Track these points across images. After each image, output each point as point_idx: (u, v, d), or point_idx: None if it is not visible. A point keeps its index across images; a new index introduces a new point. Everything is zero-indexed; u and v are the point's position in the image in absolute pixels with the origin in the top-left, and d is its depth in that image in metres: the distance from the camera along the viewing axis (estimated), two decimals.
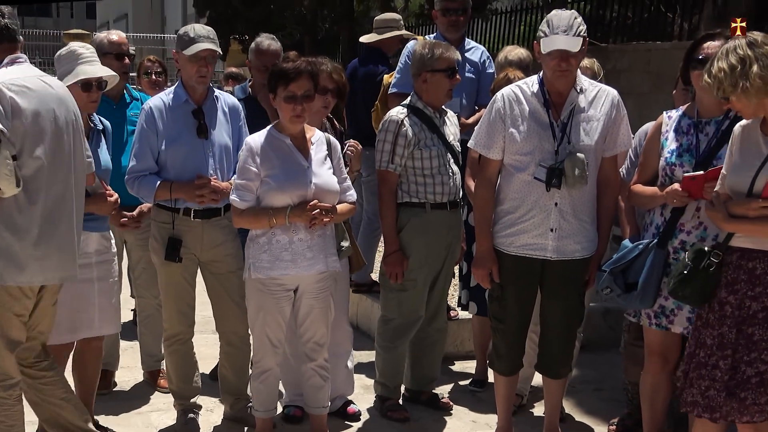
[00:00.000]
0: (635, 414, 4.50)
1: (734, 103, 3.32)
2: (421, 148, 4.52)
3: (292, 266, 4.01)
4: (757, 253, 3.36)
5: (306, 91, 3.96)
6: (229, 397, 4.62)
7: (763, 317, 3.36)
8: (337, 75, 4.50)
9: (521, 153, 3.97)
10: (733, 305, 3.40)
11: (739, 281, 3.39)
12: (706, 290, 3.43)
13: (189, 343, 4.51)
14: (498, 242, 4.09)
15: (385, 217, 4.60)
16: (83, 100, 3.94)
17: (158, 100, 4.36)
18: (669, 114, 3.96)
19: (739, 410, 3.37)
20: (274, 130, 4.06)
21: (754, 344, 3.36)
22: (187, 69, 4.31)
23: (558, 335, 4.17)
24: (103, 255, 4.18)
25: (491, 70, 5.75)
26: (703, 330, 3.47)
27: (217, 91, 4.48)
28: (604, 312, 6.01)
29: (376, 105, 5.79)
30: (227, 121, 4.43)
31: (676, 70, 4.08)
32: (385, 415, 4.75)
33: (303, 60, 4.05)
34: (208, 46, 4.27)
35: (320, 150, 4.09)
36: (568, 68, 3.87)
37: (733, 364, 3.37)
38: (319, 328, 4.19)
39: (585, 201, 4.00)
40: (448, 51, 4.57)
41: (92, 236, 4.08)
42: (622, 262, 3.80)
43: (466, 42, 5.81)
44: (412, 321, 4.71)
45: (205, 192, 4.21)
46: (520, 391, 4.84)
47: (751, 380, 3.35)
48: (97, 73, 4.02)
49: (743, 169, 3.33)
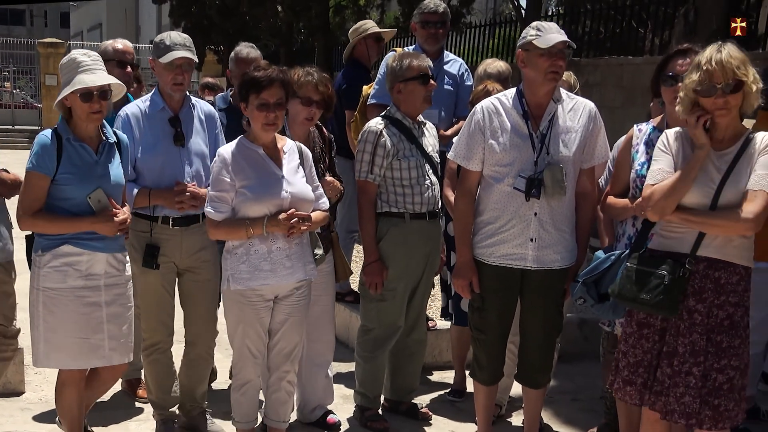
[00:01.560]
0: (613, 424, 4.55)
1: (731, 100, 3.38)
2: (400, 159, 4.56)
3: (272, 276, 3.99)
4: (722, 263, 3.47)
5: (278, 99, 3.93)
6: (184, 404, 4.60)
7: (729, 325, 3.46)
8: (323, 87, 4.48)
9: (501, 164, 4.02)
10: (702, 313, 3.48)
11: (706, 290, 3.48)
12: (679, 299, 3.50)
13: (168, 353, 4.51)
14: (478, 252, 4.13)
15: (365, 227, 4.63)
16: (84, 111, 3.79)
17: (134, 108, 4.35)
18: (640, 127, 4.05)
19: (714, 418, 3.43)
20: (246, 140, 4.02)
21: (722, 351, 3.44)
22: (163, 76, 4.32)
23: (537, 345, 4.21)
24: (114, 278, 3.94)
25: (469, 83, 5.80)
26: (675, 339, 3.53)
27: (194, 99, 4.49)
28: (579, 322, 6.07)
29: (355, 116, 5.82)
30: (204, 128, 4.44)
31: (648, 84, 4.17)
32: (365, 425, 4.76)
33: (275, 68, 4.01)
34: (184, 54, 4.28)
35: (292, 159, 4.09)
36: (562, 66, 3.93)
37: (704, 371, 3.45)
38: (292, 337, 4.16)
39: (564, 211, 4.05)
40: (417, 59, 4.61)
41: (98, 257, 3.88)
42: (595, 272, 3.85)
43: (444, 54, 5.87)
44: (392, 331, 4.73)
45: (184, 198, 4.22)
46: (499, 401, 4.88)
47: (722, 387, 3.43)
48: (96, 82, 3.78)
49: (700, 184, 3.43)
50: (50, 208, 3.81)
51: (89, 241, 3.84)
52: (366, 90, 5.81)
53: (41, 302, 3.84)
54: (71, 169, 3.79)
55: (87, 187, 3.80)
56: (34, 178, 3.79)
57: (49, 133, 3.84)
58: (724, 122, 3.45)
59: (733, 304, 3.48)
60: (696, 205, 3.46)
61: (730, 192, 3.42)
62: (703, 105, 3.42)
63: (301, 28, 21.48)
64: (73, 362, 3.91)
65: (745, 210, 3.36)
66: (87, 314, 3.86)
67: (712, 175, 3.45)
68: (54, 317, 3.82)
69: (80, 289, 3.84)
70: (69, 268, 3.82)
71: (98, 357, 3.93)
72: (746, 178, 3.41)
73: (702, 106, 3.43)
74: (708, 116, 3.43)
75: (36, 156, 3.78)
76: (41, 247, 3.84)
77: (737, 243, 3.46)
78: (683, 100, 3.46)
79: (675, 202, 3.47)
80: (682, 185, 3.45)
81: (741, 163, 3.43)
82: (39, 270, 3.84)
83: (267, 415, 4.30)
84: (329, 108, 4.60)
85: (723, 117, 3.43)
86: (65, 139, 3.82)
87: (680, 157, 3.53)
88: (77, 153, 3.83)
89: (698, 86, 3.38)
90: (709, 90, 3.37)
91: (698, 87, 3.38)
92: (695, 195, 3.45)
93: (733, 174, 3.43)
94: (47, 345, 3.85)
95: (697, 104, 3.43)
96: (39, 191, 3.79)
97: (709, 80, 3.35)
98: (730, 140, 3.48)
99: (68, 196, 3.79)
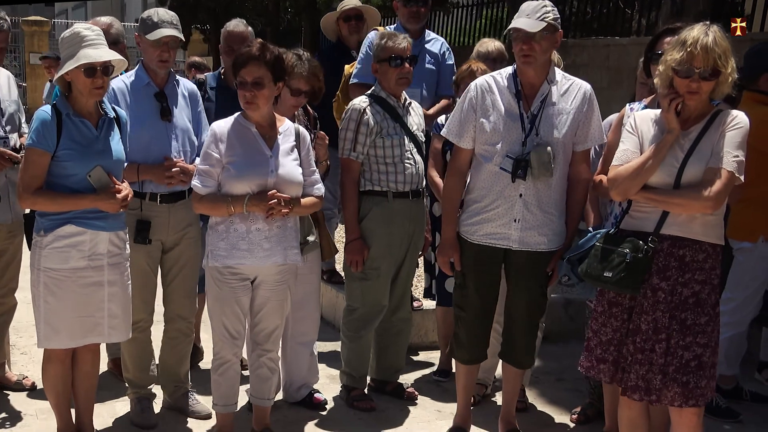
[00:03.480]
0: (597, 404, 4.59)
1: (704, 86, 3.40)
2: (383, 137, 4.56)
3: (249, 256, 3.96)
4: (686, 241, 3.50)
5: (256, 78, 3.87)
6: (168, 384, 4.62)
7: (694, 302, 3.49)
8: (313, 78, 4.46)
9: (489, 143, 4.02)
10: (665, 291, 3.51)
11: (670, 268, 3.50)
12: (642, 278, 3.53)
13: (148, 331, 4.50)
14: (463, 230, 4.14)
15: (347, 206, 4.63)
16: (87, 87, 3.75)
17: (120, 83, 4.35)
18: (632, 106, 4.05)
19: (683, 395, 3.47)
20: (241, 118, 4.01)
21: (687, 329, 3.48)
22: (149, 53, 4.33)
23: (521, 326, 4.21)
24: (115, 257, 3.92)
25: (451, 62, 5.80)
26: (639, 316, 3.56)
27: (177, 76, 4.49)
28: (565, 303, 6.09)
29: (337, 95, 5.80)
30: (187, 105, 4.46)
31: (635, 65, 4.17)
32: (351, 405, 4.78)
33: (256, 45, 3.94)
34: (171, 33, 4.28)
35: (287, 140, 4.06)
36: (530, 53, 3.90)
37: (668, 348, 3.48)
38: (272, 320, 4.14)
39: (552, 193, 4.04)
40: (393, 40, 4.59)
41: (101, 236, 3.85)
42: (581, 250, 3.85)
43: (426, 33, 5.86)
44: (376, 311, 4.74)
45: (174, 174, 4.21)
46: (484, 380, 4.91)
47: (690, 364, 3.46)
48: (102, 58, 3.74)
49: (664, 164, 3.46)
50: (51, 186, 3.78)
51: (92, 220, 3.81)
52: (348, 69, 5.78)
53: (42, 283, 3.81)
54: (71, 145, 3.76)
55: (88, 163, 3.77)
56: (35, 155, 3.76)
57: (48, 108, 3.81)
58: (692, 104, 3.48)
59: (699, 281, 3.50)
60: (659, 184, 3.49)
61: (692, 170, 3.45)
62: (677, 84, 3.44)
63: (288, 8, 21.34)
64: (72, 342, 3.90)
65: (706, 188, 3.38)
66: (89, 294, 3.85)
67: (676, 154, 3.48)
68: (55, 298, 3.81)
69: (83, 270, 3.83)
70: (72, 249, 3.80)
71: (96, 334, 3.93)
72: (708, 156, 3.44)
73: (674, 85, 3.44)
74: (680, 100, 3.45)
75: (36, 132, 3.75)
76: (43, 228, 3.81)
77: (701, 220, 3.48)
78: (661, 74, 3.49)
79: (639, 184, 3.50)
80: (648, 167, 3.48)
81: (704, 141, 3.46)
82: (40, 251, 3.81)
83: (251, 393, 4.30)
84: (316, 98, 4.60)
85: (692, 100, 3.46)
86: (65, 115, 3.79)
87: (646, 138, 3.55)
88: (77, 129, 3.80)
89: (678, 66, 3.39)
90: (687, 71, 3.39)
91: (678, 66, 3.40)
92: (659, 174, 3.48)
93: (695, 152, 3.45)
94: (47, 327, 3.84)
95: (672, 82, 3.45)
96: (39, 168, 3.76)
97: (689, 62, 3.37)
98: (695, 119, 3.51)
99: (69, 172, 3.77)
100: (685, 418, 3.53)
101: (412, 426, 4.63)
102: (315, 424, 4.60)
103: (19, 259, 4.80)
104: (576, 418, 4.70)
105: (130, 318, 4.06)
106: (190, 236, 4.42)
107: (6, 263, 4.72)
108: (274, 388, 4.31)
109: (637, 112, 3.71)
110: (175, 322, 4.54)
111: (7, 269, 4.74)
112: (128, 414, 4.56)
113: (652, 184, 3.50)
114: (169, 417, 4.60)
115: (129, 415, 4.54)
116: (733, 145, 3.42)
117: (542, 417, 4.81)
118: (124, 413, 4.60)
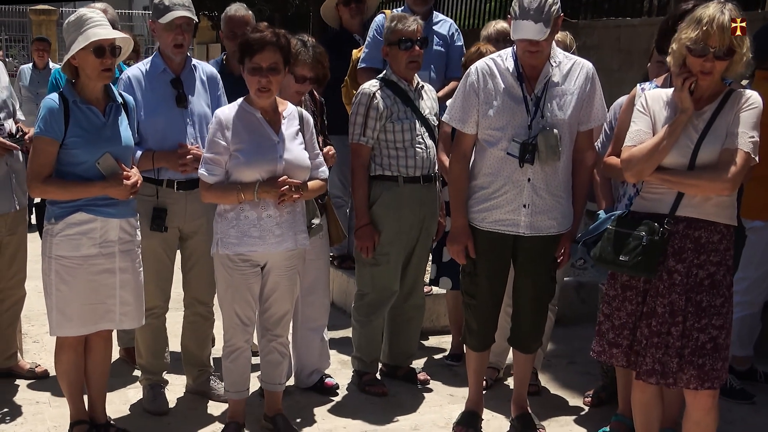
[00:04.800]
0: (610, 386, 4.57)
1: (718, 65, 3.36)
2: (393, 121, 4.53)
3: (260, 243, 3.95)
4: (702, 222, 3.46)
5: (271, 64, 3.85)
6: (192, 369, 4.64)
7: (710, 284, 3.46)
8: (318, 65, 4.43)
9: (494, 128, 3.97)
10: (681, 273, 3.48)
11: (686, 250, 3.47)
12: (657, 261, 3.49)
13: (162, 318, 4.52)
14: (471, 217, 4.09)
15: (357, 191, 4.60)
16: (96, 68, 3.72)
17: (136, 70, 4.35)
18: (643, 86, 4.00)
19: (699, 377, 3.44)
20: (245, 104, 3.98)
21: (703, 311, 3.45)
22: (163, 38, 4.32)
23: (529, 310, 4.19)
24: (126, 244, 3.92)
25: (459, 43, 5.76)
26: (654, 299, 3.53)
27: (195, 61, 4.47)
28: (577, 286, 6.07)
29: (345, 80, 5.77)
30: (205, 90, 4.43)
31: (646, 46, 4.12)
32: (363, 390, 4.77)
33: (270, 31, 3.92)
34: (183, 14, 4.26)
35: (292, 125, 4.03)
36: (538, 50, 3.86)
37: (684, 331, 3.45)
38: (283, 305, 4.13)
39: (559, 176, 4.00)
40: (403, 23, 4.55)
41: (112, 223, 3.84)
42: (595, 233, 3.81)
43: (434, 15, 5.82)
44: (386, 296, 4.72)
45: (188, 161, 4.20)
46: (497, 365, 4.90)
47: (705, 346, 3.44)
48: (110, 35, 3.74)
49: (678, 144, 3.42)
50: (61, 174, 3.78)
51: (103, 207, 3.81)
52: (356, 54, 5.75)
53: (54, 270, 3.82)
54: (79, 132, 3.76)
55: (96, 150, 3.77)
56: (43, 143, 3.76)
57: (55, 96, 3.80)
58: (705, 84, 3.44)
59: (714, 263, 3.47)
60: (674, 165, 3.45)
61: (707, 151, 3.41)
62: (690, 63, 3.39)
63: None
64: (84, 329, 3.90)
65: (723, 169, 3.35)
66: (100, 281, 3.85)
67: (690, 134, 3.44)
68: (67, 286, 3.81)
69: (94, 257, 3.83)
70: (83, 237, 3.80)
71: (108, 320, 3.93)
72: (723, 137, 3.40)
73: (687, 64, 3.40)
74: (693, 79, 3.41)
75: (43, 120, 3.75)
76: (53, 216, 3.81)
77: (716, 201, 3.45)
78: (675, 53, 3.44)
79: (654, 165, 3.46)
80: (663, 148, 3.43)
81: (718, 122, 3.42)
82: (51, 239, 3.81)
83: (262, 379, 4.31)
84: (321, 84, 4.57)
85: (705, 80, 3.41)
86: (72, 102, 3.78)
87: (658, 118, 3.51)
88: (85, 116, 3.79)
89: (692, 44, 3.35)
90: (701, 50, 3.34)
91: (692, 45, 3.35)
92: (673, 155, 3.44)
93: (710, 133, 3.42)
94: (59, 315, 3.84)
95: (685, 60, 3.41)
96: (48, 156, 3.76)
97: (704, 41, 3.32)
98: (708, 99, 3.47)
99: (78, 160, 3.76)
100: (700, 400, 3.51)
101: (424, 410, 4.62)
102: (327, 409, 4.60)
103: (25, 248, 4.80)
104: (589, 401, 4.69)
105: (142, 305, 4.06)
106: (209, 222, 4.40)
107: (12, 254, 4.71)
108: (285, 373, 4.31)
109: (648, 92, 3.67)
110: (195, 307, 4.55)
111: (15, 260, 4.74)
112: (140, 401, 4.56)
113: (666, 165, 3.46)
114: (182, 403, 4.62)
115: (141, 402, 4.55)
116: (748, 126, 3.38)
117: (555, 400, 4.80)
118: (136, 400, 4.61)
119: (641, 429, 3.77)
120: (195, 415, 4.49)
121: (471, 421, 4.30)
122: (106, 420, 4.13)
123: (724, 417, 4.04)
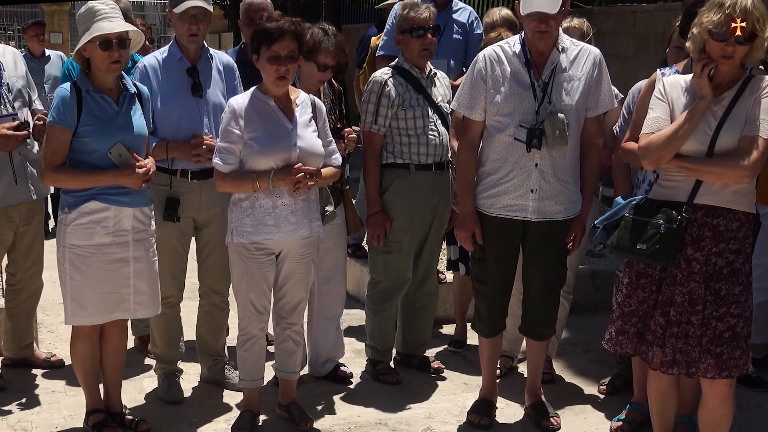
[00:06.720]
0: (625, 374, 4.56)
1: (739, 50, 3.32)
2: (405, 108, 4.51)
3: (276, 231, 3.96)
4: (720, 210, 3.43)
5: (290, 52, 3.86)
6: (207, 358, 4.65)
7: (728, 272, 3.43)
8: (340, 54, 4.40)
9: (502, 114, 3.96)
10: (700, 261, 3.45)
11: (704, 238, 3.44)
12: (676, 249, 3.47)
13: (177, 307, 4.53)
14: (479, 203, 4.09)
15: (369, 179, 4.60)
16: (104, 61, 3.74)
17: (152, 59, 4.36)
18: (663, 71, 3.97)
19: (717, 366, 3.42)
20: (258, 92, 3.98)
21: (721, 299, 3.42)
22: (178, 27, 4.33)
23: (540, 297, 4.18)
24: (140, 233, 3.92)
25: (479, 31, 5.71)
26: (672, 288, 3.50)
27: (212, 50, 4.47)
28: (591, 274, 6.05)
29: (364, 68, 5.77)
30: (222, 79, 4.43)
31: (662, 31, 4.08)
32: (377, 379, 4.78)
33: (287, 19, 3.93)
34: (197, 3, 4.26)
35: (305, 112, 4.03)
36: (548, 29, 3.84)
37: (703, 320, 3.42)
38: (297, 293, 4.13)
39: (567, 162, 3.99)
40: (415, 10, 4.53)
41: (125, 212, 3.85)
42: (615, 218, 3.78)
43: (453, 3, 5.78)
44: (399, 283, 4.71)
45: (201, 151, 4.20)
46: (511, 353, 4.89)
47: (724, 335, 3.41)
48: (115, 29, 3.73)
49: (697, 131, 3.39)
50: (74, 163, 3.80)
51: (116, 196, 3.82)
52: (375, 41, 5.74)
53: (68, 259, 3.83)
54: (92, 121, 3.77)
55: (109, 138, 3.78)
56: (56, 132, 3.78)
57: (68, 85, 3.82)
58: (725, 69, 3.40)
59: (733, 251, 3.44)
60: (692, 152, 3.41)
61: (726, 138, 3.37)
62: (710, 48, 3.35)
63: None
64: (99, 318, 3.91)
65: (743, 157, 3.31)
66: (114, 270, 3.86)
67: (709, 121, 3.40)
68: (81, 274, 3.83)
69: (108, 246, 3.84)
70: (96, 225, 3.81)
71: (122, 310, 3.94)
72: (743, 123, 3.36)
73: (708, 49, 3.36)
74: (713, 65, 3.37)
75: (56, 109, 3.77)
76: (67, 205, 3.83)
77: (734, 188, 3.42)
78: (695, 37, 3.39)
79: (672, 152, 3.42)
80: (681, 134, 3.40)
81: (738, 108, 3.38)
82: (65, 227, 3.83)
83: (276, 367, 4.31)
84: (342, 72, 4.54)
85: (725, 65, 3.37)
86: (84, 91, 3.80)
87: (676, 105, 3.48)
88: (98, 105, 3.80)
89: (715, 28, 3.30)
90: (723, 35, 3.29)
91: (714, 29, 3.30)
92: (691, 142, 3.40)
93: (729, 119, 3.38)
94: (74, 304, 3.86)
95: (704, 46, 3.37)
96: (61, 145, 3.78)
97: (726, 24, 3.27)
98: (727, 85, 3.43)
99: (91, 148, 3.78)
100: (717, 389, 3.48)
101: (438, 398, 4.62)
102: (341, 397, 4.60)
103: (42, 239, 4.81)
104: (604, 389, 4.67)
105: (158, 294, 4.06)
106: (224, 211, 4.40)
107: (29, 243, 4.71)
108: (300, 362, 4.31)
109: (666, 78, 3.63)
110: (210, 297, 4.56)
111: (32, 250, 4.74)
112: (155, 390, 4.58)
113: (684, 153, 3.42)
114: (197, 392, 4.63)
115: (156, 391, 4.56)
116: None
117: (570, 388, 4.79)
118: (151, 389, 4.63)
119: (657, 417, 3.76)
120: (210, 404, 4.50)
121: (485, 410, 4.30)
122: (122, 409, 4.15)
123: (740, 404, 4.03)
